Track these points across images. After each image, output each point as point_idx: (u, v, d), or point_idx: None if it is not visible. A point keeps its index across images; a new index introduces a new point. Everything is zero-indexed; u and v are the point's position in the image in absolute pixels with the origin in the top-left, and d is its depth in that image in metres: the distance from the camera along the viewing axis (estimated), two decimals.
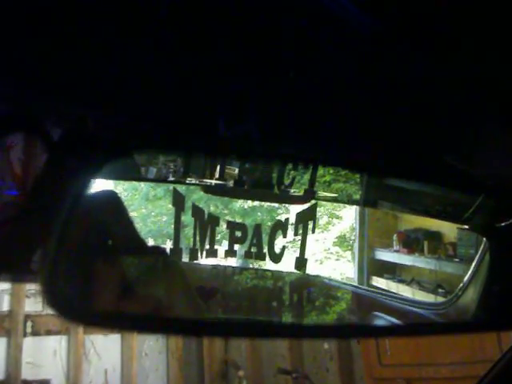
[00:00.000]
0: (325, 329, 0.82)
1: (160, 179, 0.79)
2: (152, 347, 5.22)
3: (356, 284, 1.05)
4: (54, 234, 0.50)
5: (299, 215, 0.88)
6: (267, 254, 0.85)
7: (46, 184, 0.49)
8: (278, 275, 0.88)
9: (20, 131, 0.55)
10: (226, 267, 0.83)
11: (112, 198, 0.64)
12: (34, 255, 0.53)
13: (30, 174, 0.54)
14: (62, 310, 0.55)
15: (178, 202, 0.78)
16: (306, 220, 0.89)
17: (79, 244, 0.59)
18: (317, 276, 0.95)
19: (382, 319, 0.97)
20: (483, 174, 0.75)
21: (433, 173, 0.71)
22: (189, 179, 0.79)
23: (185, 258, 0.80)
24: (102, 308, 0.60)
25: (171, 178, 0.77)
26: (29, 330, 4.58)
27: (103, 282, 0.60)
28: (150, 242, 0.73)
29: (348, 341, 4.39)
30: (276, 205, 0.84)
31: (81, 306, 0.59)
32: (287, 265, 0.88)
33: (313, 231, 0.89)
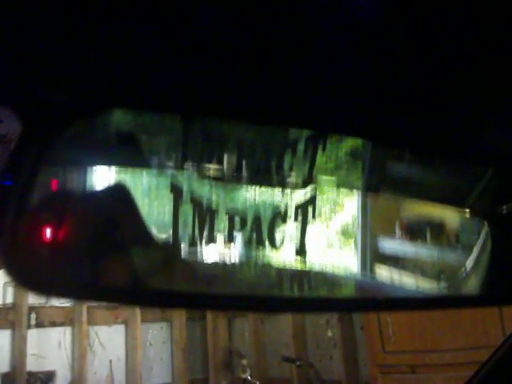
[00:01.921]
0: (330, 302, 0.82)
1: (159, 167, 0.78)
2: (156, 337, 5.25)
3: (359, 273, 1.05)
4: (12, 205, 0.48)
5: (299, 201, 0.88)
6: (267, 239, 0.84)
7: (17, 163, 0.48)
8: (278, 263, 0.87)
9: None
10: (225, 256, 0.83)
11: (121, 191, 0.64)
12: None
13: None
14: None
15: (176, 190, 0.78)
16: (306, 205, 0.88)
17: (87, 235, 0.58)
18: (319, 265, 0.94)
19: None
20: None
21: (442, 142, 0.70)
22: (187, 165, 0.79)
23: (184, 246, 0.80)
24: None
25: (170, 165, 0.77)
26: (33, 321, 4.60)
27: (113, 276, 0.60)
28: (154, 232, 0.73)
29: (352, 328, 4.41)
30: (274, 198, 0.84)
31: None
32: (288, 251, 0.87)
33: (313, 216, 0.88)
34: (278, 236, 0.85)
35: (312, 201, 0.89)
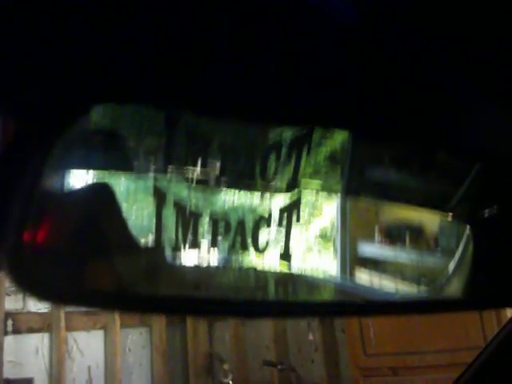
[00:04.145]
0: (313, 306, 0.81)
1: (142, 170, 0.77)
2: (135, 342, 5.20)
3: (339, 276, 1.05)
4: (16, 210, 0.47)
5: (283, 205, 0.87)
6: (251, 244, 0.84)
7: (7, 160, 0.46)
8: (262, 267, 0.87)
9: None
10: (209, 261, 0.82)
11: (104, 191, 0.62)
12: None
13: None
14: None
15: (159, 195, 0.77)
16: (291, 210, 0.87)
17: (69, 236, 0.57)
18: (301, 269, 0.94)
19: None
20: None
21: (428, 136, 0.71)
22: (170, 169, 0.78)
23: (167, 251, 0.79)
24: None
25: (153, 168, 0.76)
26: (9, 328, 4.51)
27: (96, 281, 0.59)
28: (137, 237, 0.71)
29: (333, 331, 4.42)
30: (256, 199, 0.83)
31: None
32: (272, 255, 0.86)
33: (297, 220, 0.88)
34: (262, 240, 0.84)
35: (296, 205, 0.89)
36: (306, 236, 0.94)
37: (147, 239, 0.76)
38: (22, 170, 0.47)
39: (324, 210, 1.02)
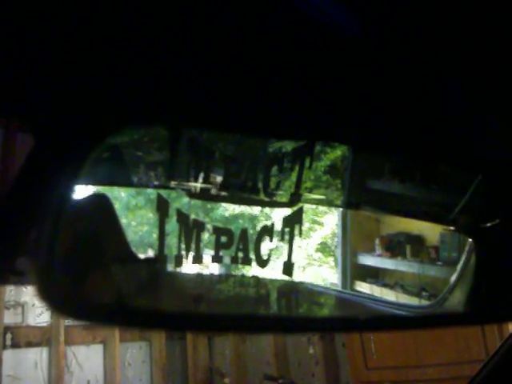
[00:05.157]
0: (314, 322, 0.81)
1: (144, 185, 0.77)
2: (135, 356, 5.16)
3: (340, 289, 1.05)
4: (46, 231, 0.48)
5: (285, 219, 0.87)
6: (254, 258, 0.84)
7: (29, 180, 0.47)
8: (265, 280, 0.87)
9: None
10: (212, 274, 0.82)
11: (103, 202, 0.62)
12: (18, 254, 0.51)
13: (9, 171, 0.52)
14: (58, 304, 0.53)
15: (163, 207, 0.77)
16: (293, 224, 0.88)
17: (69, 248, 0.57)
18: (302, 282, 0.94)
19: None
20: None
21: (431, 148, 0.71)
22: (173, 184, 0.78)
23: (169, 265, 0.79)
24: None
25: (156, 183, 0.76)
26: (8, 342, 4.48)
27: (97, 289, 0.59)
28: (140, 250, 0.71)
29: (333, 345, 4.39)
30: (258, 212, 0.84)
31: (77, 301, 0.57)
32: (274, 269, 0.86)
33: (300, 235, 0.88)
34: (264, 254, 0.85)
35: (298, 218, 0.89)
36: (307, 249, 0.94)
37: (149, 251, 0.76)
38: (49, 188, 0.47)
39: (325, 223, 1.02)
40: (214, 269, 0.81)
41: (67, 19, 0.43)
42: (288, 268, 0.86)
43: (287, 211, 0.87)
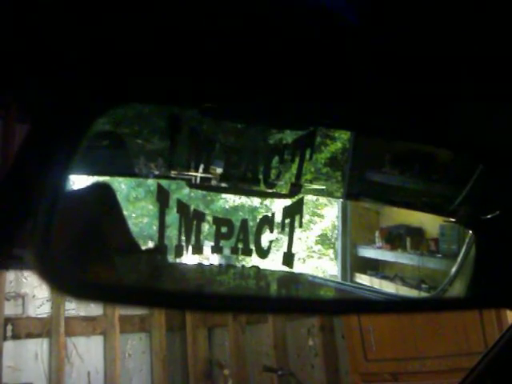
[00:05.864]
0: (314, 303, 0.81)
1: (144, 175, 0.77)
2: (135, 347, 5.18)
3: (340, 281, 1.05)
4: (40, 218, 0.48)
5: (286, 210, 0.87)
6: (254, 249, 0.84)
7: (23, 165, 0.47)
8: (265, 271, 0.87)
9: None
10: (212, 265, 0.82)
11: (106, 192, 0.62)
12: (15, 239, 0.51)
13: (9, 162, 0.52)
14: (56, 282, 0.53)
15: (163, 197, 0.77)
16: (293, 214, 0.88)
17: (72, 237, 0.57)
18: (302, 273, 0.94)
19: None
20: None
21: (433, 133, 0.71)
22: (173, 173, 0.78)
23: (170, 256, 0.79)
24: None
25: (156, 173, 0.76)
26: (9, 333, 4.50)
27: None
28: (141, 240, 0.71)
29: (333, 336, 4.41)
30: (258, 204, 0.84)
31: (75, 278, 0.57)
32: (274, 260, 0.87)
33: (300, 226, 0.88)
34: (264, 244, 0.85)
35: (299, 209, 0.89)
36: (307, 241, 0.94)
37: (150, 243, 0.76)
38: (46, 169, 0.47)
39: (325, 215, 1.02)
40: (215, 257, 0.81)
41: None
42: (288, 259, 0.87)
43: (287, 202, 0.87)
